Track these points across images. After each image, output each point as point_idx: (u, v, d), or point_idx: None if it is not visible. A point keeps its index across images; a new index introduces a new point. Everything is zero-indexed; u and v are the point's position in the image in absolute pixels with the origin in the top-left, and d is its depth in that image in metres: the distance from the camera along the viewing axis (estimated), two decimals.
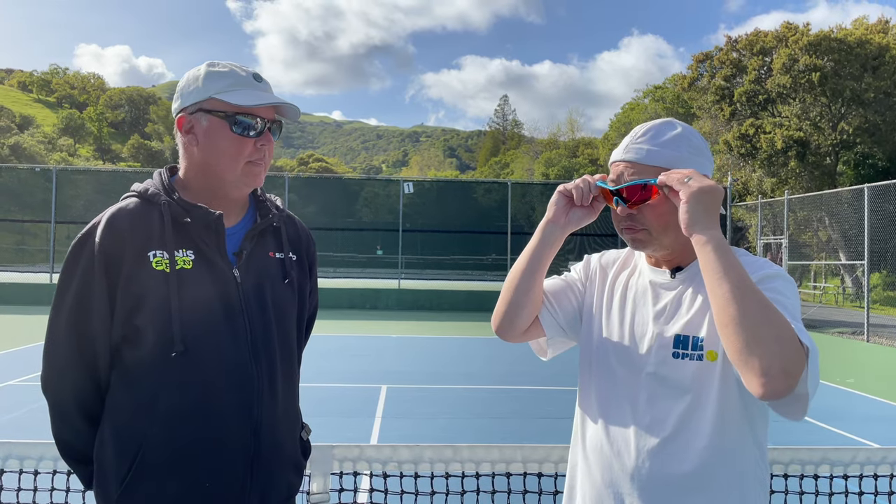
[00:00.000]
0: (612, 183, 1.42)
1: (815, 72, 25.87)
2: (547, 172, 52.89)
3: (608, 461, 1.40)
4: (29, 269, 20.83)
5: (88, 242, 1.44)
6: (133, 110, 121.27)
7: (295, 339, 1.61)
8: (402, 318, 16.32)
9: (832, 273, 26.68)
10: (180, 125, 1.51)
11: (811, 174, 27.39)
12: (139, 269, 1.41)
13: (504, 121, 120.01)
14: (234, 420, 1.44)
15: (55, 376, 1.47)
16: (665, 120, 1.45)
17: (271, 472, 1.50)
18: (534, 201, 22.83)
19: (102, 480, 1.44)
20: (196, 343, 1.42)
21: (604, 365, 1.46)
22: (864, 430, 6.48)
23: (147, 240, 1.43)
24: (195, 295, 1.43)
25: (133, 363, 1.44)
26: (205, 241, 1.47)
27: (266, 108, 1.49)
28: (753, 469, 1.36)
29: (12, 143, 73.02)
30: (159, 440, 1.41)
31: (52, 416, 1.50)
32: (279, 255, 1.58)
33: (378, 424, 6.30)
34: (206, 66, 1.52)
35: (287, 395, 1.56)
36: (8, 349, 10.31)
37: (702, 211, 1.27)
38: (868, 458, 2.02)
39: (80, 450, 1.51)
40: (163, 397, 1.41)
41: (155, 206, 1.47)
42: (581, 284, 1.58)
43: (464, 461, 2.00)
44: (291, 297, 1.59)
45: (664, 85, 49.33)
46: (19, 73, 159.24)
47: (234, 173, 1.49)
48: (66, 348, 1.45)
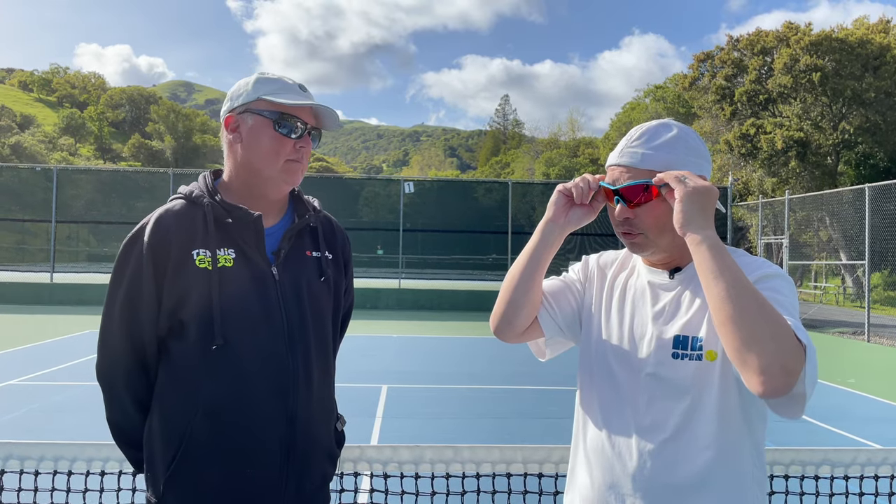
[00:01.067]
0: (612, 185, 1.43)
1: (815, 72, 25.87)
2: (547, 172, 52.88)
3: (609, 462, 1.40)
4: (29, 269, 20.83)
5: (138, 241, 1.54)
6: (134, 110, 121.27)
7: (330, 334, 1.69)
8: (402, 317, 16.32)
9: (833, 273, 26.67)
10: (227, 124, 1.61)
11: (812, 174, 27.38)
12: (184, 267, 1.51)
13: (505, 120, 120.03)
14: (270, 410, 1.52)
15: (108, 364, 1.57)
16: (661, 122, 1.44)
17: (307, 461, 1.58)
18: (534, 201, 22.81)
19: (151, 465, 1.55)
20: (235, 337, 1.50)
21: (603, 366, 1.46)
22: (864, 430, 6.47)
23: (191, 239, 1.53)
24: (235, 291, 1.52)
25: (178, 355, 1.54)
26: (245, 240, 1.56)
27: (308, 114, 1.59)
28: (752, 469, 1.37)
29: (13, 143, 73.04)
30: (202, 429, 1.50)
31: (106, 401, 1.61)
32: (315, 253, 1.66)
33: (378, 425, 6.30)
34: (257, 74, 1.64)
35: (322, 387, 1.63)
36: (8, 349, 10.31)
37: (696, 210, 1.28)
38: (869, 459, 2.02)
39: (130, 434, 1.61)
40: (204, 388, 1.50)
41: (199, 207, 1.57)
42: (580, 285, 1.58)
43: (464, 462, 2.00)
44: (327, 294, 1.66)
45: (665, 84, 49.29)
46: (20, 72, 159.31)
47: (274, 170, 1.57)
48: (119, 339, 1.55)
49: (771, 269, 1.36)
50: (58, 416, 6.39)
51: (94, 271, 20.54)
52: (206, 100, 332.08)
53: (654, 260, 1.47)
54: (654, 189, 1.36)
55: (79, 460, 1.98)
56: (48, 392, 7.37)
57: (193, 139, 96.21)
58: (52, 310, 16.22)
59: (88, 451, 1.97)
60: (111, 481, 2.04)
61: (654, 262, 1.47)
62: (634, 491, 1.36)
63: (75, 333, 12.09)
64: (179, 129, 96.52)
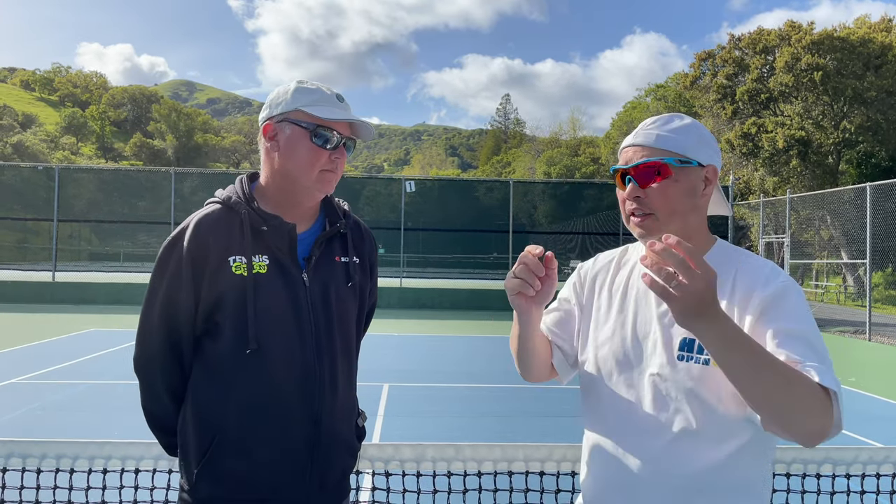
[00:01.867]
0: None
1: (817, 71, 25.84)
2: (549, 171, 52.89)
3: (614, 463, 1.40)
4: (31, 268, 20.85)
5: (178, 245, 1.60)
6: (135, 109, 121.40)
7: (354, 337, 1.76)
8: (403, 316, 16.31)
9: (834, 272, 26.66)
10: (266, 132, 1.66)
11: (813, 173, 27.37)
12: (221, 272, 1.58)
13: (506, 119, 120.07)
14: (297, 412, 1.60)
15: (146, 357, 1.65)
16: (674, 113, 1.48)
17: (329, 457, 1.66)
18: (535, 200, 22.82)
19: (185, 454, 1.64)
20: (267, 342, 1.58)
21: (607, 367, 1.45)
22: (866, 429, 6.47)
23: (228, 245, 1.60)
24: (268, 298, 1.59)
25: (212, 354, 1.61)
26: (279, 248, 1.62)
27: (343, 125, 1.65)
28: (758, 469, 1.35)
29: (15, 142, 73.11)
30: (233, 427, 1.58)
31: (143, 391, 1.69)
32: (344, 259, 1.73)
33: (380, 423, 6.31)
34: (295, 83, 1.68)
35: (346, 388, 1.71)
36: (10, 347, 10.32)
37: (690, 315, 1.13)
38: (870, 458, 2.02)
39: (164, 421, 1.70)
40: (237, 387, 1.58)
41: (236, 214, 1.63)
42: (576, 299, 1.59)
43: (466, 460, 2.00)
44: (353, 299, 1.74)
45: (666, 84, 49.27)
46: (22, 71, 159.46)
47: (310, 179, 1.63)
48: (157, 336, 1.63)
49: (781, 282, 1.32)
50: (60, 414, 6.40)
51: (96, 270, 20.58)
52: (207, 99, 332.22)
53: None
54: (667, 166, 1.37)
55: (81, 458, 1.98)
56: (50, 391, 7.38)
57: (195, 138, 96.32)
58: (54, 309, 16.24)
59: (90, 449, 1.98)
60: (113, 479, 2.04)
61: None
62: (640, 492, 1.35)
63: (77, 332, 12.10)
64: (181, 128, 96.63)
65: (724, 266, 1.39)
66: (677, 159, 1.38)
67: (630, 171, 1.40)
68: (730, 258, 1.42)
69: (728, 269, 1.39)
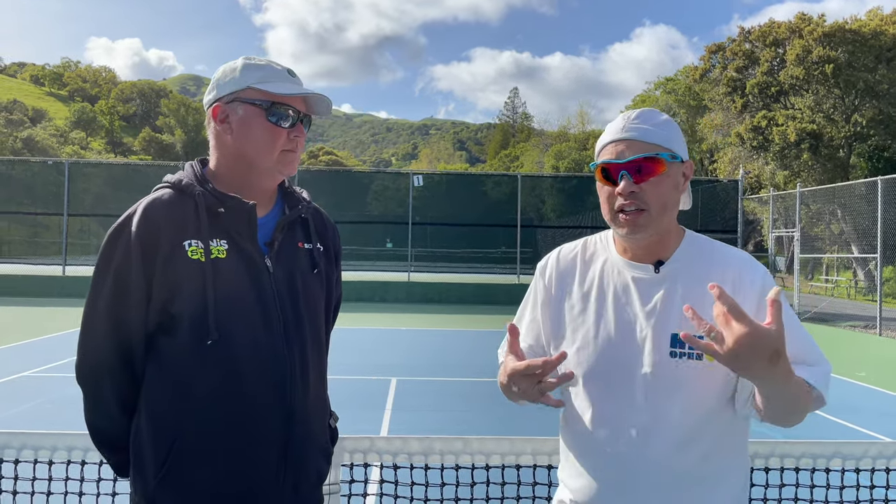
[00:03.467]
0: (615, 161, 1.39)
1: (828, 63, 25.62)
2: (557, 165, 52.75)
3: (607, 462, 1.39)
4: (41, 262, 20.99)
5: (125, 232, 1.45)
6: (144, 104, 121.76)
7: (324, 328, 1.64)
8: (411, 310, 16.34)
9: (844, 266, 26.48)
10: (215, 114, 1.53)
11: (824, 167, 27.18)
12: (175, 259, 1.43)
13: (514, 114, 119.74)
14: (267, 408, 1.46)
15: (91, 364, 1.50)
16: (650, 108, 1.47)
17: (303, 460, 1.53)
18: (543, 194, 22.77)
19: (139, 467, 1.47)
20: (230, 331, 1.44)
21: (593, 368, 1.41)
22: (876, 423, 6.44)
23: (182, 229, 1.45)
24: (229, 284, 1.45)
25: (168, 351, 1.46)
26: (238, 230, 1.49)
27: (299, 101, 1.53)
28: (739, 458, 1.43)
29: (25, 137, 73.55)
30: (194, 428, 1.43)
31: (87, 403, 1.53)
32: (307, 245, 1.61)
33: (388, 417, 6.33)
34: (242, 59, 1.55)
35: (317, 383, 1.58)
36: (21, 341, 10.41)
37: (744, 367, 1.18)
38: (880, 452, 2.01)
39: (113, 437, 1.53)
40: (198, 385, 1.43)
41: (189, 196, 1.49)
42: (543, 312, 1.54)
43: (474, 453, 2.01)
44: (320, 287, 1.62)
45: (675, 77, 48.97)
46: (31, 66, 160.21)
47: (270, 161, 1.51)
48: (103, 336, 1.47)
49: (761, 272, 1.40)
50: (70, 407, 6.45)
51: None
52: None
53: (640, 247, 1.42)
54: (662, 160, 1.37)
55: (91, 450, 1.99)
56: (61, 384, 7.44)
57: (203, 133, 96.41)
58: (64, 302, 16.35)
59: None
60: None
61: (635, 255, 1.44)
62: (634, 488, 1.36)
63: None
64: (189, 122, 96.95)
65: (702, 256, 1.43)
66: (669, 154, 1.38)
67: (625, 165, 1.37)
68: (703, 248, 1.45)
69: (707, 259, 1.42)
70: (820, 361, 1.36)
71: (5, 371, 8.02)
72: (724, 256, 1.43)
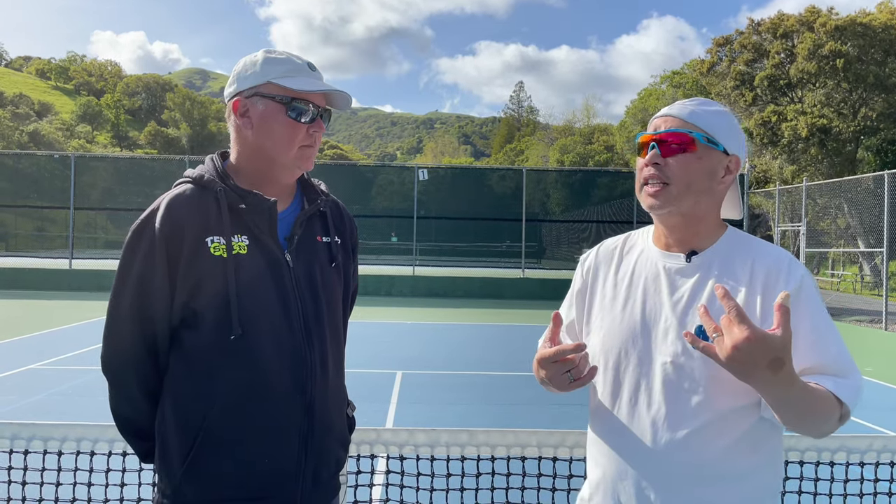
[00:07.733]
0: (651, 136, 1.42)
1: (839, 58, 25.43)
2: (562, 159, 52.58)
3: (623, 452, 1.39)
4: (48, 255, 21.06)
5: (148, 228, 1.47)
6: (150, 97, 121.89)
7: (342, 320, 1.67)
8: (416, 304, 16.37)
9: (850, 261, 26.36)
10: (236, 108, 1.54)
11: (831, 161, 27.03)
12: (197, 255, 1.45)
13: (519, 107, 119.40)
14: (288, 400, 1.49)
15: (117, 356, 1.52)
16: (707, 98, 1.48)
17: (323, 450, 1.56)
18: (548, 188, 22.70)
19: (165, 456, 1.51)
20: (252, 326, 1.47)
21: (615, 354, 1.43)
22: (881, 418, 6.43)
23: (204, 226, 1.47)
24: (251, 279, 1.48)
25: (192, 346, 1.49)
26: (259, 226, 1.51)
27: (319, 96, 1.55)
28: (761, 457, 1.35)
29: (31, 130, 73.76)
30: (218, 420, 1.46)
31: (112, 392, 1.56)
32: (326, 238, 1.63)
33: (393, 410, 6.35)
34: (263, 53, 1.56)
35: (336, 374, 1.61)
36: (29, 333, 10.48)
37: (742, 373, 1.18)
38: (885, 446, 2.01)
39: (139, 426, 1.57)
40: (221, 379, 1.47)
41: (211, 192, 1.50)
42: (578, 300, 1.57)
43: (479, 445, 2.02)
44: (338, 280, 1.64)
45: (682, 70, 48.71)
46: (37, 60, 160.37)
47: (288, 157, 1.53)
48: (128, 329, 1.50)
49: (800, 275, 1.34)
50: (79, 399, 6.50)
51: (112, 258, 20.73)
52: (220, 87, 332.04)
53: (668, 235, 1.43)
54: (693, 139, 1.37)
55: (101, 441, 2.02)
56: (69, 376, 7.49)
57: (209, 126, 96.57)
58: (71, 295, 16.43)
59: (110, 432, 2.01)
60: (134, 461, 2.08)
61: (669, 245, 1.44)
62: (649, 481, 1.34)
63: (94, 319, 12.24)
64: (195, 116, 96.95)
65: (739, 251, 1.40)
66: (705, 136, 1.38)
67: (656, 137, 1.39)
68: (743, 244, 1.42)
69: (744, 254, 1.39)
70: (849, 373, 1.30)
71: (14, 363, 8.07)
72: (761, 253, 1.38)
